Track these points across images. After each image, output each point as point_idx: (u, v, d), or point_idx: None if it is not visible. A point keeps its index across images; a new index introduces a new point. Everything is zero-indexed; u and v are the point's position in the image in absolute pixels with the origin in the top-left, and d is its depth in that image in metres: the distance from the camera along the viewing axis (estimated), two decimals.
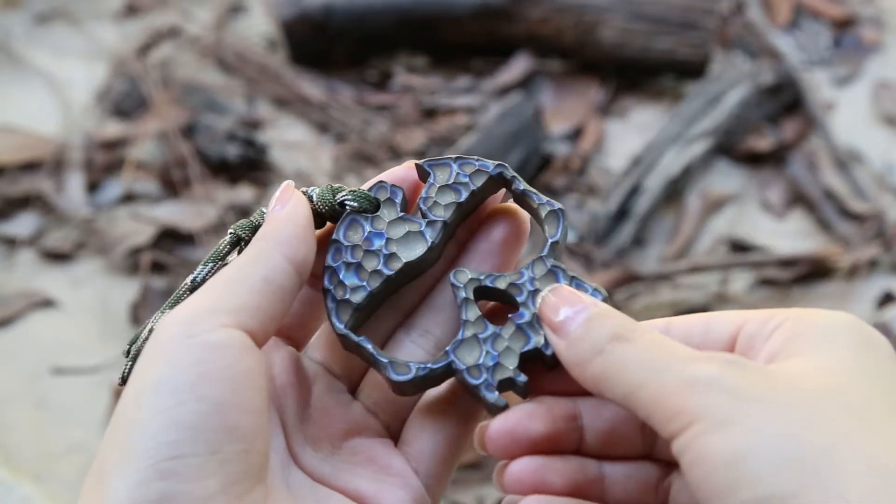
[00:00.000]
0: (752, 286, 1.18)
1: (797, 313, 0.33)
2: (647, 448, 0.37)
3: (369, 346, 0.36)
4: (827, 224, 1.25)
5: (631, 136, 1.37)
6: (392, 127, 1.37)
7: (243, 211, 1.25)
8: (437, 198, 0.38)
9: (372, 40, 1.45)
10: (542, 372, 0.37)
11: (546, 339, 0.36)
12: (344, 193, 0.39)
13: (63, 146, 1.31)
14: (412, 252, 0.38)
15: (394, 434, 0.38)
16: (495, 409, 0.36)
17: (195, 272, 0.39)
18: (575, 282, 0.38)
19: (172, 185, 1.27)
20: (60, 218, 1.23)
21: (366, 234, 0.38)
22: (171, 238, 1.20)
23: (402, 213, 0.38)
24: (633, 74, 1.44)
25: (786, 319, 0.33)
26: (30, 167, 1.29)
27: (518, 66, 1.45)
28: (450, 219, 0.38)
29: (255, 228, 0.39)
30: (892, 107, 1.41)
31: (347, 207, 0.38)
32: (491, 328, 0.37)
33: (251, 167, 1.31)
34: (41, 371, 1.08)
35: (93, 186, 1.28)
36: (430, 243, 0.38)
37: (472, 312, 0.37)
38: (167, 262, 1.18)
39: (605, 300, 0.36)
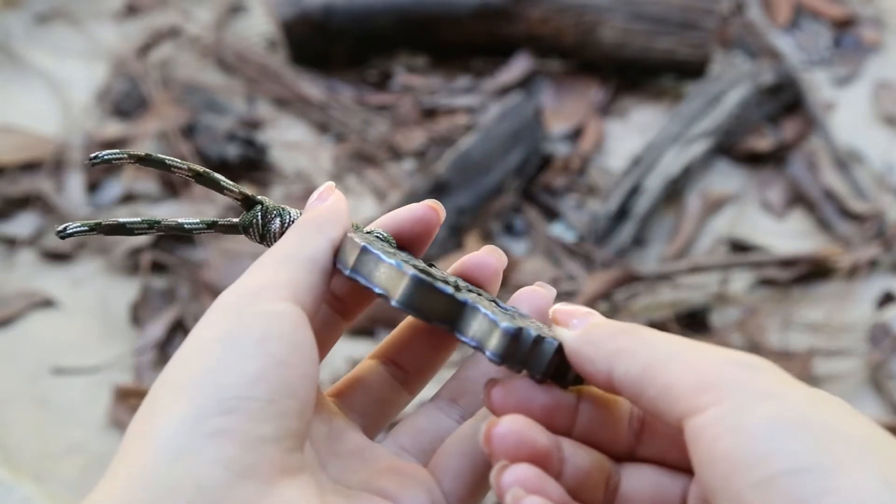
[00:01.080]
0: (752, 286, 1.18)
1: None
2: (630, 451, 0.37)
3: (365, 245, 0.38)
4: (827, 224, 1.25)
5: (631, 136, 1.37)
6: (392, 127, 1.37)
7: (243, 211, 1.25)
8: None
9: (372, 40, 1.45)
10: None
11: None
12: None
13: (63, 146, 1.31)
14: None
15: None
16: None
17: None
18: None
19: (172, 185, 1.27)
20: (60, 218, 1.23)
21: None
22: (171, 238, 1.20)
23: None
24: (633, 74, 1.44)
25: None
26: (30, 167, 1.29)
27: (518, 66, 1.45)
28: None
29: (277, 215, 0.41)
30: (892, 107, 1.41)
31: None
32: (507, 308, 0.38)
33: (251, 167, 1.31)
34: (41, 371, 1.08)
35: (93, 186, 1.28)
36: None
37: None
38: (167, 262, 1.18)
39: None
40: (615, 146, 1.37)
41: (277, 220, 0.40)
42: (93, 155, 0.38)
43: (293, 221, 0.40)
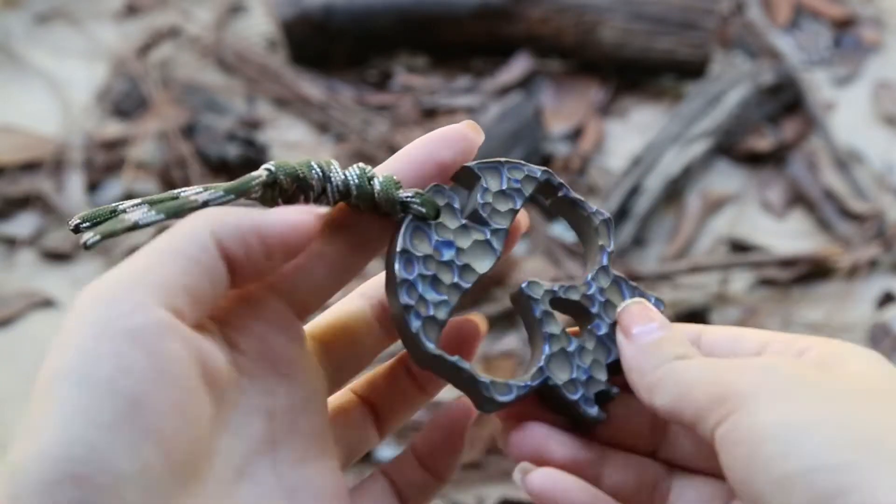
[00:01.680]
0: (752, 286, 1.18)
1: (824, 340, 0.34)
2: (653, 446, 0.37)
3: (467, 367, 0.34)
4: (827, 224, 1.25)
5: (631, 136, 1.37)
6: (392, 127, 1.37)
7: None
8: (495, 204, 0.36)
9: (372, 40, 1.45)
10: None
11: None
12: (409, 195, 0.35)
13: (63, 146, 1.31)
14: (483, 263, 0.35)
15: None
16: (594, 423, 0.36)
17: (201, 192, 0.34)
18: (637, 292, 0.38)
19: (172, 185, 1.27)
20: (60, 218, 1.23)
21: (433, 243, 0.35)
22: None
23: (464, 221, 0.35)
24: (633, 74, 1.44)
25: (814, 344, 0.34)
26: (30, 167, 1.29)
27: (518, 66, 1.45)
28: (509, 227, 0.36)
29: (296, 178, 0.35)
30: (892, 107, 1.41)
31: (411, 211, 0.35)
32: (575, 341, 0.36)
33: (251, 167, 1.30)
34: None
35: (93, 186, 1.28)
36: (497, 253, 0.35)
37: (555, 326, 0.36)
38: None
39: (663, 310, 0.37)
40: (615, 146, 1.37)
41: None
42: (84, 241, 0.33)
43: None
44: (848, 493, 0.27)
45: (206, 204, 0.33)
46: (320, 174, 0.36)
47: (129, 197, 1.27)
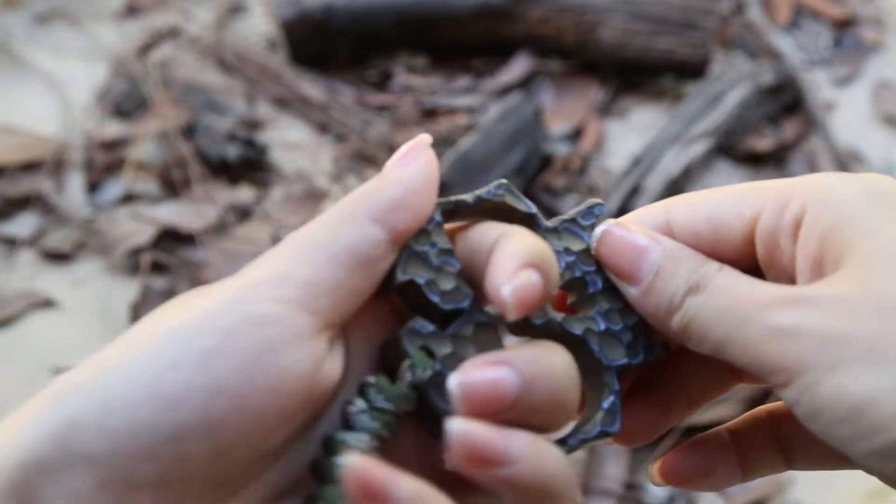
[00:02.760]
0: None
1: (814, 197, 0.31)
2: None
3: None
4: None
5: (631, 136, 1.37)
6: (392, 127, 1.37)
7: (243, 211, 1.26)
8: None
9: (372, 40, 1.45)
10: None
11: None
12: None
13: (63, 146, 1.31)
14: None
15: None
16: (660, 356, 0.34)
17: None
18: (582, 220, 0.35)
19: (172, 186, 1.27)
20: (60, 218, 1.23)
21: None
22: (171, 238, 1.20)
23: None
24: (633, 74, 1.44)
25: (805, 210, 0.31)
26: (30, 167, 1.29)
27: (518, 66, 1.45)
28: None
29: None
30: (892, 107, 1.41)
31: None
32: (597, 315, 0.34)
33: (251, 167, 1.31)
34: (41, 371, 1.08)
35: (93, 186, 1.28)
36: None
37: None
38: (167, 263, 1.18)
39: (603, 214, 0.34)
40: (615, 146, 1.37)
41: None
42: None
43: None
44: None
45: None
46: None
47: (129, 197, 1.28)
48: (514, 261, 0.28)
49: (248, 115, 1.39)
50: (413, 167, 0.30)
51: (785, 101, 1.40)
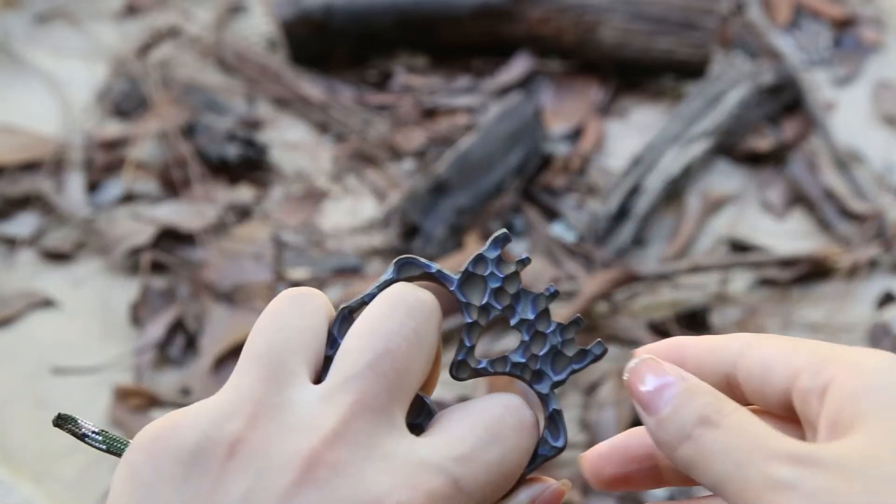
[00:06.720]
0: (752, 286, 1.18)
1: (845, 365, 0.34)
2: None
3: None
4: (827, 224, 1.25)
5: (631, 136, 1.37)
6: (392, 127, 1.37)
7: (243, 211, 1.26)
8: None
9: (372, 40, 1.45)
10: None
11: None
12: None
13: (63, 146, 1.31)
14: None
15: None
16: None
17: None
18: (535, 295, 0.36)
19: (172, 185, 1.27)
20: (60, 218, 1.23)
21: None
22: (171, 238, 1.20)
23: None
24: (633, 74, 1.44)
25: (835, 376, 0.33)
26: (30, 167, 1.29)
27: (518, 66, 1.45)
28: None
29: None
30: (892, 107, 1.41)
31: None
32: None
33: (251, 167, 1.31)
34: (41, 371, 1.08)
35: (93, 186, 1.28)
36: None
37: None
38: (167, 262, 1.18)
39: (525, 265, 0.36)
40: (615, 146, 1.37)
41: None
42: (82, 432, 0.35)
43: None
44: None
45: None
46: None
47: (129, 197, 1.28)
48: None
49: (248, 114, 1.39)
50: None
51: (785, 101, 1.40)
